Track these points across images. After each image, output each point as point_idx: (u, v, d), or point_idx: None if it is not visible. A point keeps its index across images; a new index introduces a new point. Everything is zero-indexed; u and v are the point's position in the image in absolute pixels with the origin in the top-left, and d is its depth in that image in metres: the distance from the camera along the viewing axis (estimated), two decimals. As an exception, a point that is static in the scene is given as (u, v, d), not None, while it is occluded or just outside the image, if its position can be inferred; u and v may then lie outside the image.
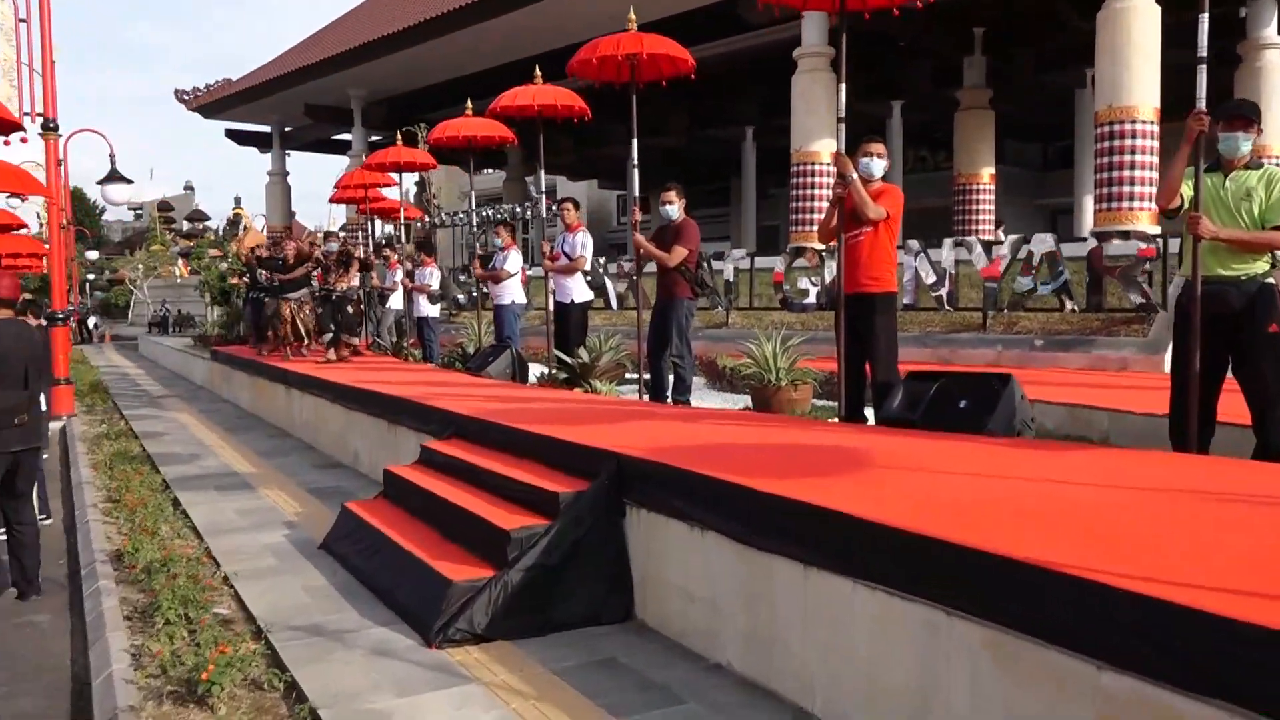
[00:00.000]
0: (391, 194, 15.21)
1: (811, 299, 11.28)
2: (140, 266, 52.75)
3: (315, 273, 11.72)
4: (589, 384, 8.10)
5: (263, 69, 31.74)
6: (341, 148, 33.93)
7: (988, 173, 22.44)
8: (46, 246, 16.84)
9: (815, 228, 18.72)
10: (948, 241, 10.92)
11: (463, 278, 16.76)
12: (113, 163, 13.76)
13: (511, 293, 10.09)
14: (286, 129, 34.25)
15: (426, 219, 19.06)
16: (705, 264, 7.36)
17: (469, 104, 12.04)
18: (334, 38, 29.80)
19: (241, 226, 51.48)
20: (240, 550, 5.84)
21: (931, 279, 11.42)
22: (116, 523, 6.69)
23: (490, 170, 52.08)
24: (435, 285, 11.98)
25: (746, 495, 3.61)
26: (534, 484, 4.70)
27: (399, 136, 12.90)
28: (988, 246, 10.33)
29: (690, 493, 3.95)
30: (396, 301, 13.10)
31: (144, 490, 7.54)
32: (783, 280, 11.53)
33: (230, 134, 34.43)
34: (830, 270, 11.12)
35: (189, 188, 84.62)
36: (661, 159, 36.80)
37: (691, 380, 7.37)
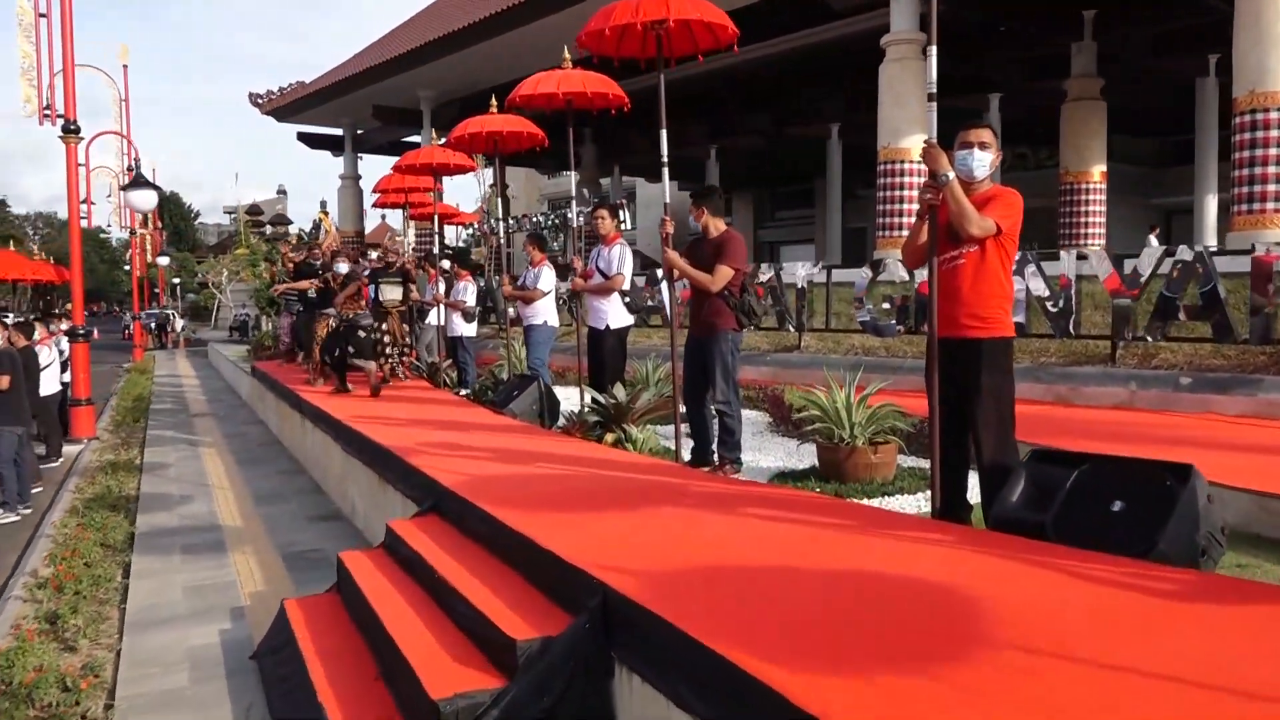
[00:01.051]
0: (460, 200, 14.04)
1: (899, 320, 9.63)
2: (225, 270, 53.03)
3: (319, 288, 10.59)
4: (623, 430, 6.69)
5: (333, 71, 31.17)
6: (410, 149, 33.18)
7: (1098, 170, 20.35)
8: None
9: (904, 233, 17.03)
10: (1067, 253, 9.15)
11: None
12: (137, 168, 12.89)
13: (544, 313, 8.74)
14: (358, 131, 33.69)
15: (491, 222, 17.82)
16: (749, 288, 5.83)
17: (493, 99, 10.68)
18: (404, 38, 29.02)
19: (323, 230, 51.56)
20: (156, 659, 4.60)
21: (1047, 298, 9.71)
22: (39, 602, 5.52)
23: (568, 173, 51.30)
24: (471, 301, 10.69)
25: None
26: (492, 620, 3.31)
27: (433, 136, 11.66)
28: (1118, 259, 8.57)
29: (703, 682, 2.52)
30: (435, 317, 11.81)
31: (95, 552, 6.41)
32: (865, 298, 9.90)
33: (303, 137, 34.04)
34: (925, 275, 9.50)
35: (281, 192, 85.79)
36: (745, 159, 35.38)
37: (740, 430, 5.89)
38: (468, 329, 10.80)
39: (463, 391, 10.56)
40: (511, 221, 20.09)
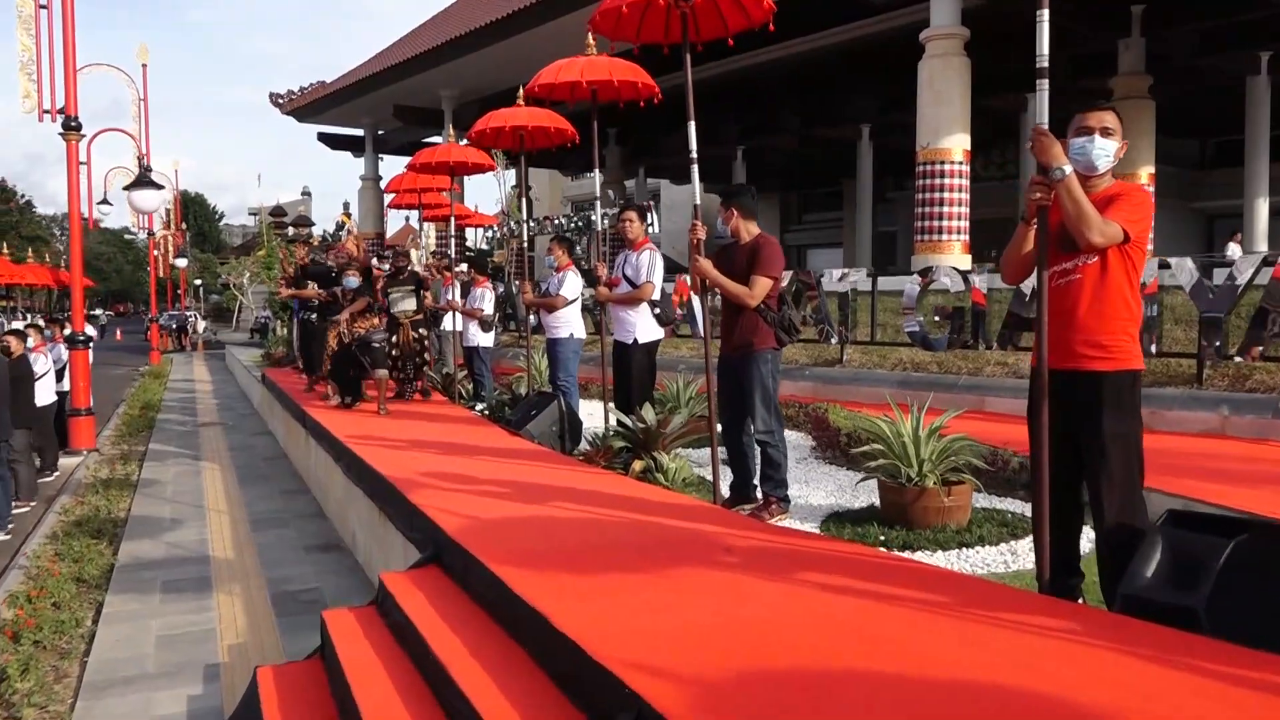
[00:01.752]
0: (480, 203, 13.35)
1: (951, 333, 8.83)
2: (246, 272, 52.74)
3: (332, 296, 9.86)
4: (653, 458, 5.97)
5: (354, 70, 30.69)
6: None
7: (1146, 172, 19.43)
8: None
9: (943, 237, 16.24)
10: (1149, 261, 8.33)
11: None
12: (141, 166, 12.29)
13: (569, 324, 8.03)
14: (379, 132, 33.21)
15: (513, 224, 17.13)
16: (788, 299, 5.10)
17: (520, 91, 9.87)
18: (426, 37, 28.47)
19: (345, 231, 51.07)
20: (108, 734, 3.93)
21: None
22: (-10, 656, 4.86)
23: (591, 174, 50.57)
24: (488, 310, 10.00)
25: None
26: (493, 728, 2.61)
27: (451, 136, 10.90)
28: (1207, 267, 7.76)
29: None
30: (449, 324, 11.07)
31: (67, 590, 5.78)
32: (914, 308, 9.09)
33: (323, 138, 33.61)
34: (979, 282, 8.69)
35: (305, 193, 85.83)
36: (773, 160, 34.58)
37: (786, 463, 5.16)
38: (485, 338, 10.11)
39: (478, 406, 9.88)
40: (533, 223, 19.41)
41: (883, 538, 4.67)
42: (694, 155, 5.07)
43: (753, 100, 28.05)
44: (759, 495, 5.15)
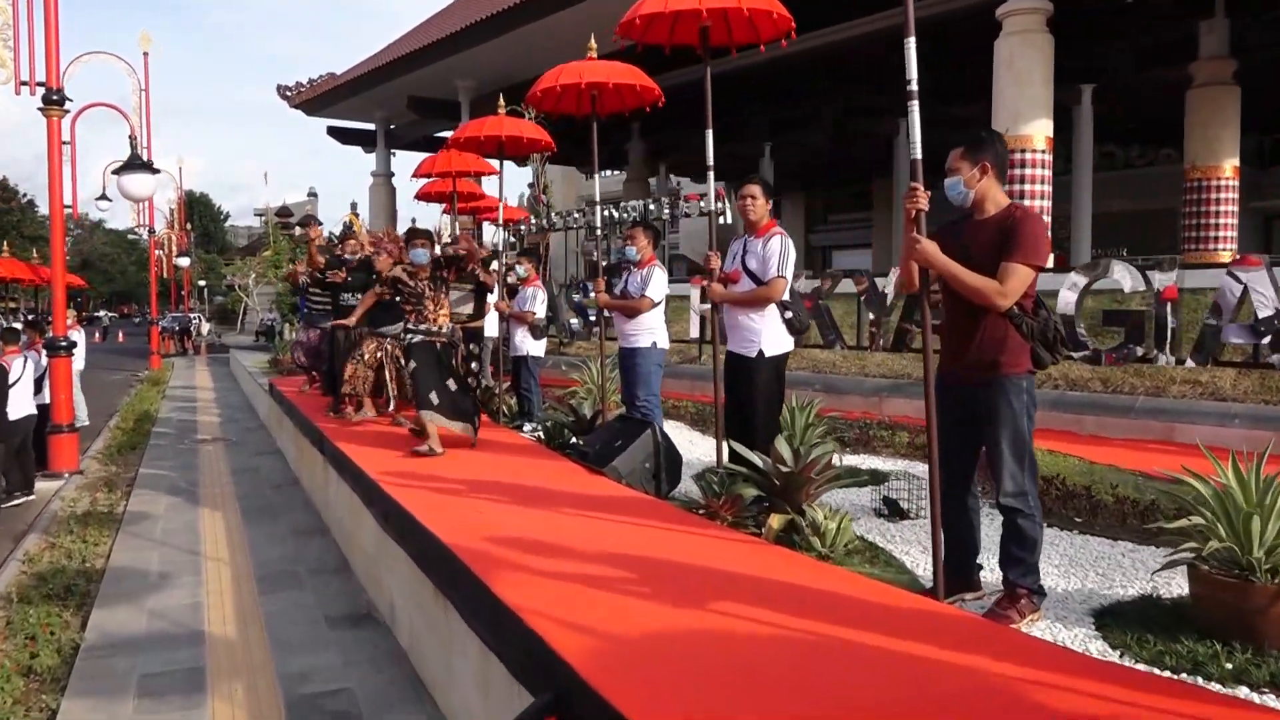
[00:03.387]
0: (490, 187, 11.85)
1: (1129, 342, 7.16)
2: (252, 273, 51.21)
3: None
4: (800, 515, 4.43)
5: (367, 60, 29.19)
6: (449, 146, 31.13)
7: (1230, 165, 17.88)
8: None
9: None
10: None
11: (576, 297, 13.15)
12: (133, 147, 10.77)
13: (653, 331, 6.50)
14: (391, 126, 31.70)
15: (534, 221, 15.56)
16: (1043, 304, 3.56)
17: (501, 100, 8.83)
18: (442, 24, 26.98)
19: (352, 232, 49.50)
20: None
21: (1268, 311, 7.39)
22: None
23: (609, 173, 48.93)
24: (541, 312, 8.46)
25: None
26: None
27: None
28: None
29: None
30: (492, 328, 9.51)
31: (9, 689, 4.26)
32: (1074, 314, 7.38)
33: (333, 132, 32.12)
34: (1162, 280, 7.10)
35: (312, 194, 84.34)
36: (802, 158, 32.97)
37: (1042, 538, 3.58)
38: (535, 347, 8.55)
39: (526, 428, 8.34)
40: (558, 219, 17.97)
41: (1215, 673, 3.02)
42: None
43: (785, 93, 26.51)
44: (1007, 589, 3.57)
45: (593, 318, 12.45)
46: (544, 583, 3.51)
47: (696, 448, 7.84)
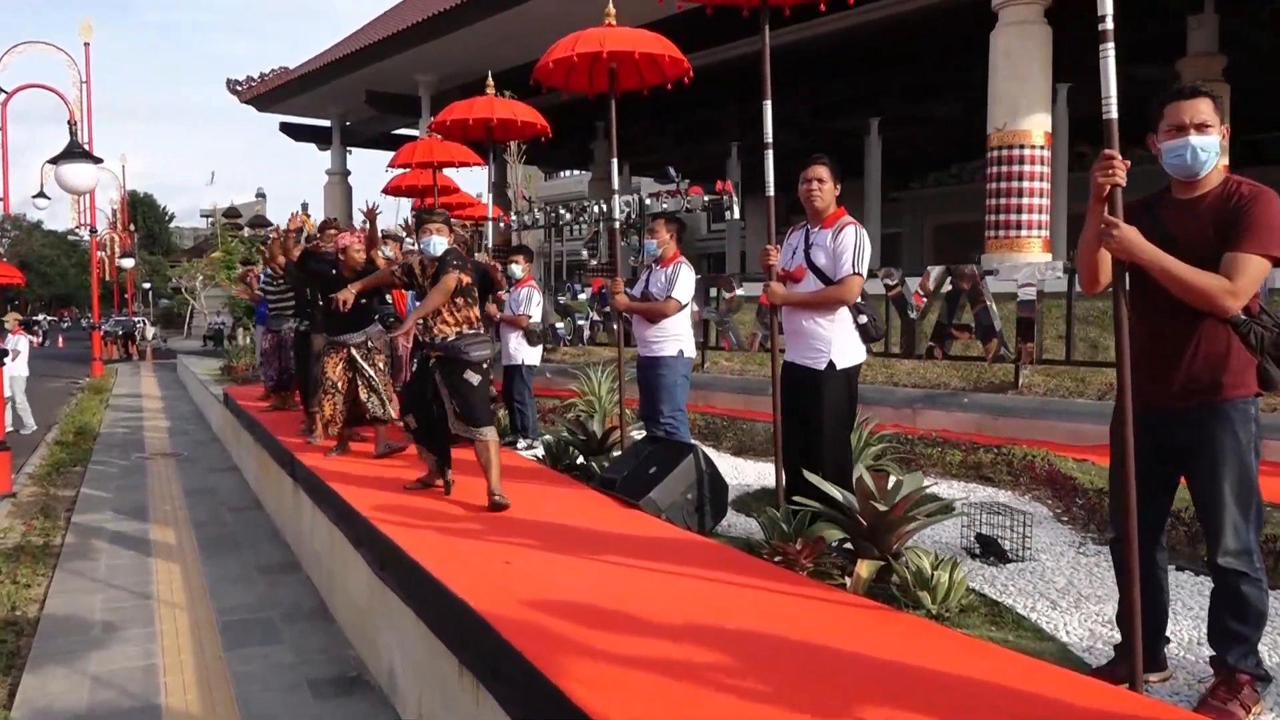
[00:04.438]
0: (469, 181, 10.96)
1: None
2: (199, 275, 49.43)
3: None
4: (886, 557, 3.65)
5: (323, 54, 28.04)
6: (406, 144, 30.02)
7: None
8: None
9: (1021, 233, 14.12)
10: None
11: (562, 299, 12.24)
12: (73, 134, 9.66)
13: (679, 337, 5.69)
14: (348, 123, 30.52)
15: (510, 217, 14.63)
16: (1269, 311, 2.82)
17: (489, 79, 8.03)
18: (402, 16, 25.94)
19: (303, 235, 47.98)
20: None
21: None
22: None
23: (569, 173, 47.99)
24: (536, 316, 7.60)
25: None
26: None
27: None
28: None
29: None
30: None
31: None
32: None
33: (286, 128, 30.85)
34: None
35: (260, 195, 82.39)
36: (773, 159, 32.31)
37: (1268, 605, 2.80)
38: (531, 354, 7.69)
39: (520, 444, 7.50)
40: (514, 219, 17.00)
41: None
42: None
43: (754, 92, 25.83)
44: (1166, 654, 2.84)
45: (581, 322, 11.59)
46: (619, 673, 2.69)
47: (738, 473, 6.96)
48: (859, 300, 4.35)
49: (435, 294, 5.03)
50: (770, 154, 4.64)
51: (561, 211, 15.42)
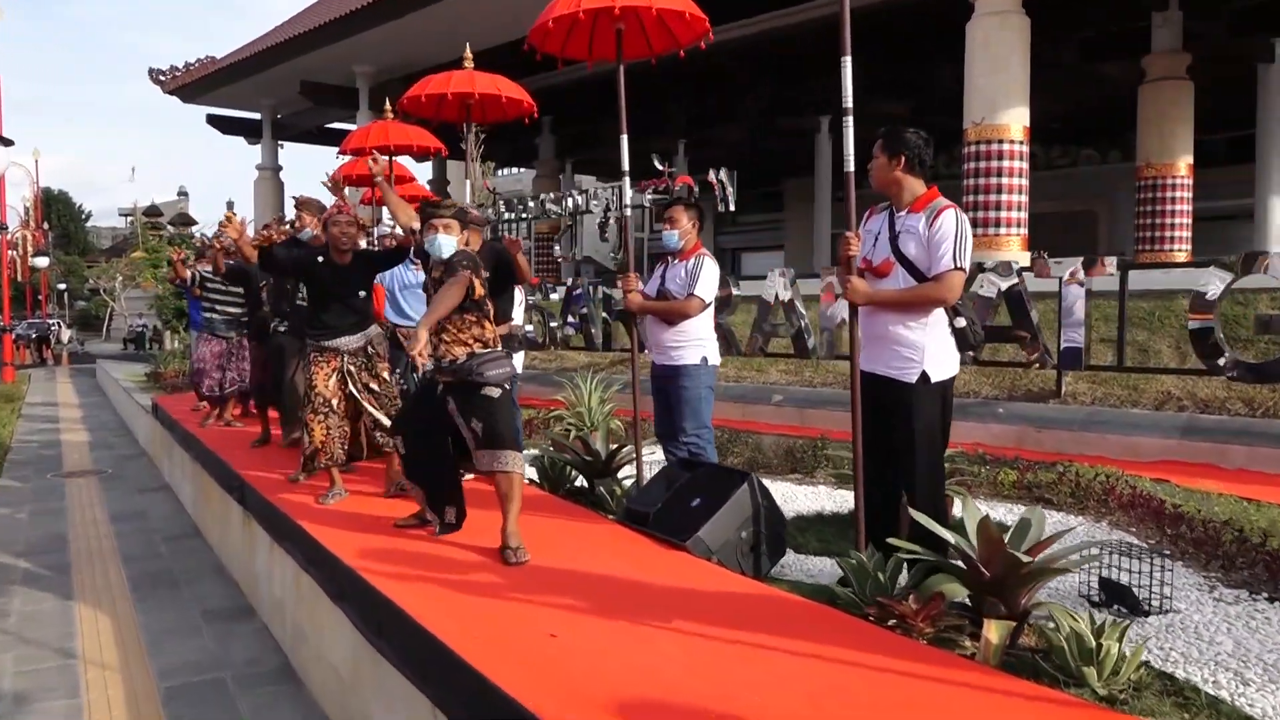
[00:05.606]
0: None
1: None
2: (119, 276, 47.20)
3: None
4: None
5: (253, 43, 26.64)
6: (341, 138, 28.73)
7: (1184, 163, 17.28)
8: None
9: (1000, 230, 13.63)
10: None
11: (533, 298, 11.34)
12: (-23, 111, 8.55)
13: (701, 342, 4.91)
14: (279, 115, 29.11)
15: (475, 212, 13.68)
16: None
17: (468, 52, 7.28)
18: (336, 5, 24.73)
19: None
20: None
21: None
22: None
23: (510, 171, 46.79)
24: (519, 318, 6.75)
25: None
26: None
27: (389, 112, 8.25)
28: None
29: None
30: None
31: None
32: (1214, 314, 5.99)
33: (213, 120, 29.34)
34: None
35: (183, 193, 79.59)
36: (721, 157, 31.73)
37: None
38: (515, 361, 6.83)
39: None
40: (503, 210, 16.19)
41: None
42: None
43: (703, 87, 25.23)
44: None
45: (554, 324, 10.73)
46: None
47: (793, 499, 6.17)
48: (955, 299, 3.61)
49: (448, 291, 4.10)
50: (850, 119, 3.81)
51: (519, 207, 14.57)
